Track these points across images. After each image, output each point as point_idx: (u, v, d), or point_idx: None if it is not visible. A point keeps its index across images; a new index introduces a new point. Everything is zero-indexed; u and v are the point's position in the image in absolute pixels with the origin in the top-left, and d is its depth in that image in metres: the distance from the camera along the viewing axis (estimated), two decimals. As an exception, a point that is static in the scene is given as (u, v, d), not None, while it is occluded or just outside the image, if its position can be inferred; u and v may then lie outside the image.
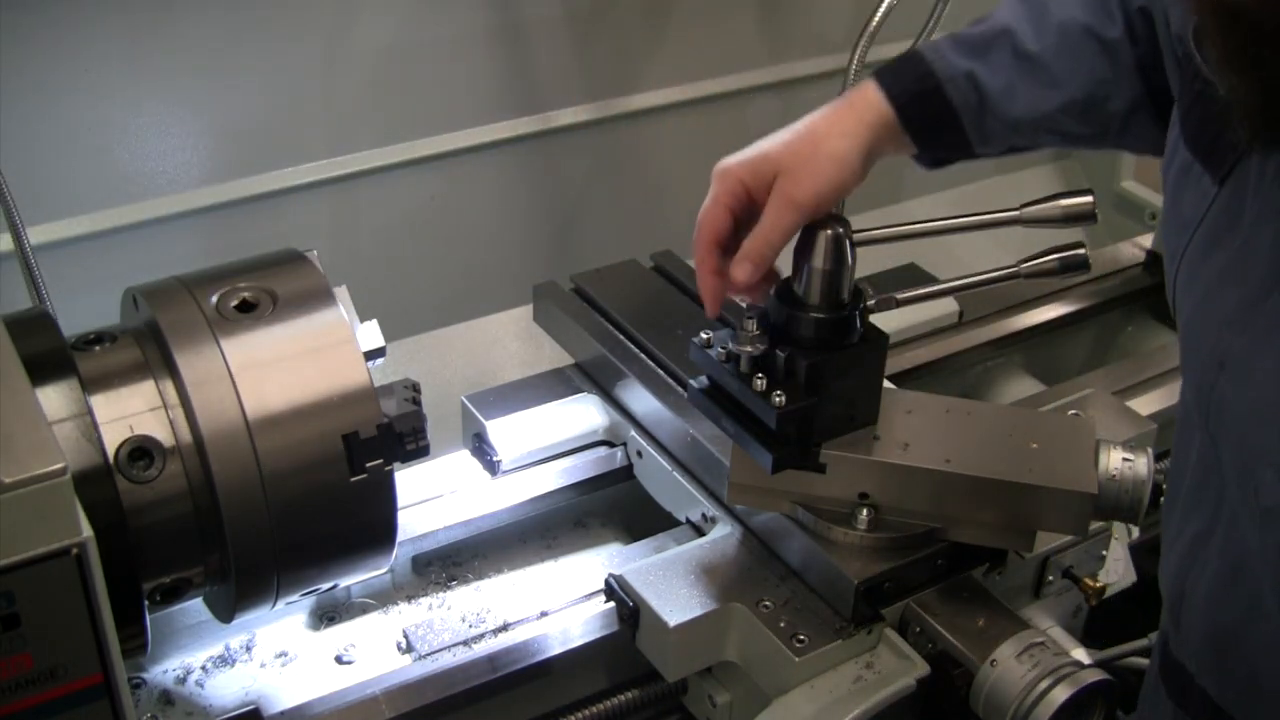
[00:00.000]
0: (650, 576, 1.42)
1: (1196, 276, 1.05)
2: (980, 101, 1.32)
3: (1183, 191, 1.08)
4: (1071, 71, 1.31)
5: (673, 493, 1.60)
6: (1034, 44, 1.31)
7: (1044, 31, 1.31)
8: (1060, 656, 1.34)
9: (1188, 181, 1.07)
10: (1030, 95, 1.31)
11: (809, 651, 1.34)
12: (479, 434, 1.65)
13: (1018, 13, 1.33)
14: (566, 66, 2.32)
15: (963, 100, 1.32)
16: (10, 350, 1.11)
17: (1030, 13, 1.33)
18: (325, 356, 1.27)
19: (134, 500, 1.18)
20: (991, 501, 1.37)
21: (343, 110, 2.14)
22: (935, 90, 1.32)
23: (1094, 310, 2.17)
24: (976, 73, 1.31)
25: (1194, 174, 1.06)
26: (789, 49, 2.52)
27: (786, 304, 1.35)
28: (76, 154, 1.94)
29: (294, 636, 1.47)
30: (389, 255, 2.28)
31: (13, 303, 1.70)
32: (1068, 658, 1.34)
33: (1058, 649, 1.35)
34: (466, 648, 1.45)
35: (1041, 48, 1.31)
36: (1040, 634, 1.37)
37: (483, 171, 2.31)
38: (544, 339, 1.86)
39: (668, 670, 1.40)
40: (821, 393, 1.34)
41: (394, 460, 1.29)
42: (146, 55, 1.94)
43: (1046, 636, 1.37)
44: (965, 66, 1.31)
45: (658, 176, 2.49)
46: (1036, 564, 1.50)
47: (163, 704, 1.39)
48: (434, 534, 1.56)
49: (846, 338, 1.35)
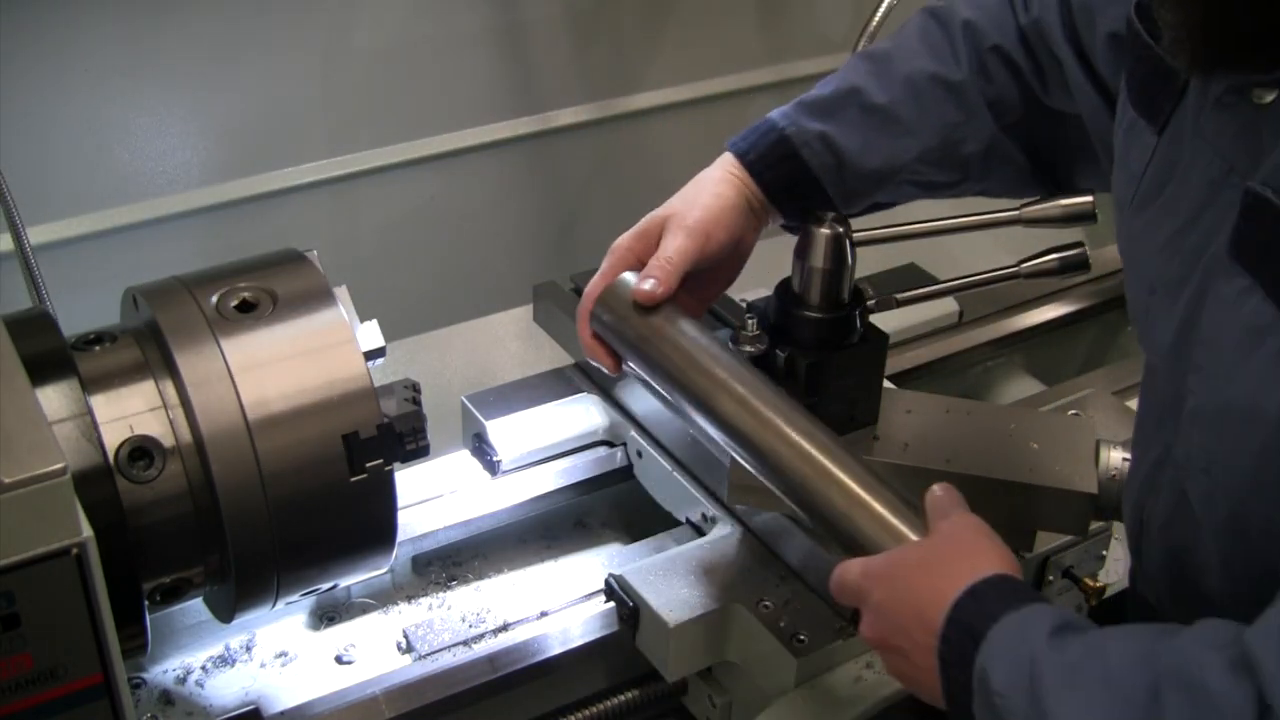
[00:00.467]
0: (650, 576, 1.42)
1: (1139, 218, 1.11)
2: (838, 162, 1.34)
3: (1130, 147, 1.13)
4: (922, 119, 1.35)
5: (673, 493, 1.60)
6: (882, 97, 1.34)
7: (890, 84, 1.35)
8: (1060, 656, 1.34)
9: (1133, 137, 1.12)
10: (885, 148, 1.34)
11: (809, 651, 1.34)
12: (479, 434, 1.65)
13: (861, 70, 1.37)
14: (566, 66, 2.32)
15: (819, 162, 1.34)
16: (10, 350, 1.11)
17: (875, 68, 1.36)
18: (325, 356, 1.27)
19: (134, 500, 1.18)
20: (991, 501, 1.37)
21: (343, 110, 2.14)
22: (792, 156, 1.34)
23: (1094, 310, 2.17)
24: (829, 133, 1.34)
25: (1138, 129, 1.11)
26: (789, 49, 2.52)
27: (786, 304, 1.35)
28: (76, 154, 1.94)
29: (294, 636, 1.47)
30: (389, 255, 2.28)
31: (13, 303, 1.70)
32: (1068, 658, 1.34)
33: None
34: (466, 648, 1.45)
35: (890, 100, 1.34)
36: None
37: (483, 171, 2.31)
38: (544, 339, 1.86)
39: (668, 670, 1.40)
40: (821, 393, 1.34)
41: (394, 460, 1.29)
42: (147, 55, 1.94)
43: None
44: (818, 129, 1.34)
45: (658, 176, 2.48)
46: (1036, 564, 1.50)
47: (163, 704, 1.39)
48: (434, 534, 1.56)
49: (846, 337, 1.35)
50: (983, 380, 2.11)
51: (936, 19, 1.38)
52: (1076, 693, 0.92)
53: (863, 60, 1.39)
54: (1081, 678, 0.93)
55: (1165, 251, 1.05)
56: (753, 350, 1.33)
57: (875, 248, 1.37)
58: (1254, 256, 0.93)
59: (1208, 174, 1.01)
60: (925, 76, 1.35)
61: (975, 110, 1.36)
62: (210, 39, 1.98)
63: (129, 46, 1.92)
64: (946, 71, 1.35)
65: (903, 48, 1.38)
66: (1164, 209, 1.06)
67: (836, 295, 1.34)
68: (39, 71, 1.86)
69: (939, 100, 1.35)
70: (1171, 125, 1.06)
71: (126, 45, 1.92)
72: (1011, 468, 1.37)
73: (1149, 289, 1.08)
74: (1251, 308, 0.93)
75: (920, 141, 1.35)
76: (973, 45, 1.36)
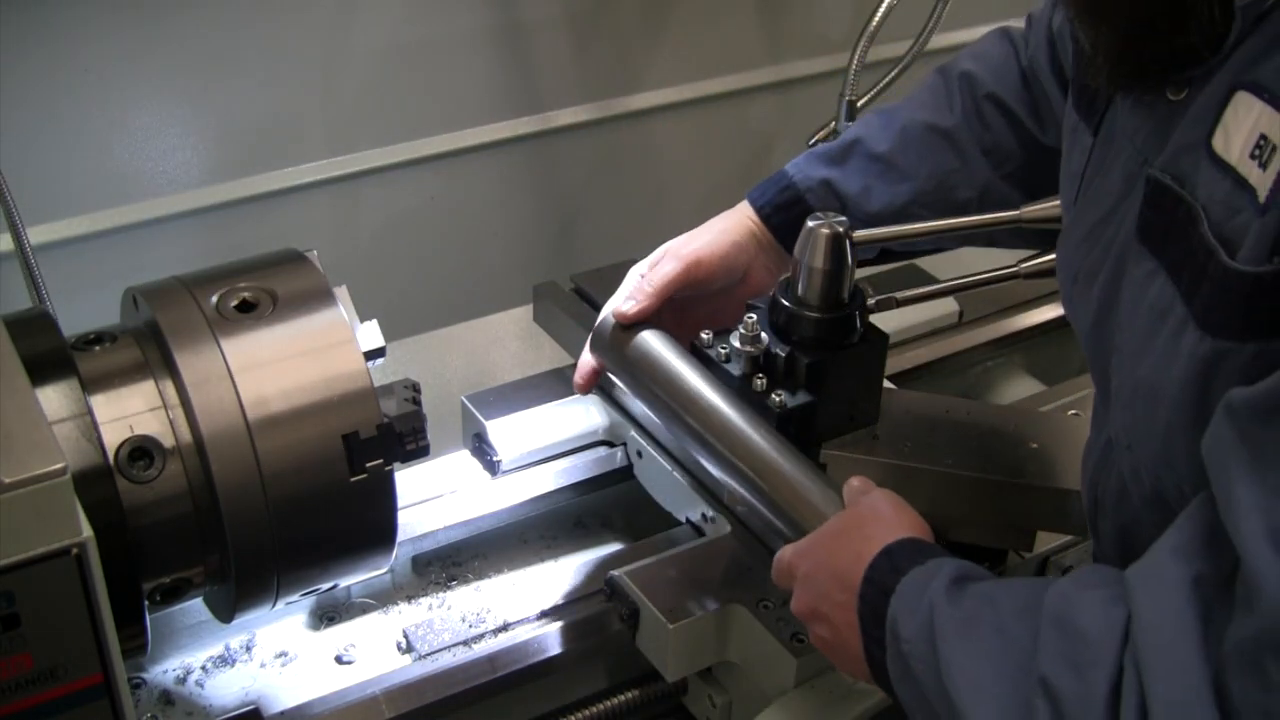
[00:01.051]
0: (650, 576, 1.42)
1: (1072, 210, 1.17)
2: (841, 206, 1.44)
3: (1072, 149, 1.19)
4: (917, 165, 1.45)
5: (673, 493, 1.60)
6: (882, 146, 1.46)
7: (890, 134, 1.46)
8: (1060, 656, 1.34)
9: (1075, 139, 1.18)
10: (883, 192, 1.45)
11: (809, 651, 1.34)
12: (479, 434, 1.65)
13: (870, 123, 1.49)
14: (566, 66, 2.32)
15: (822, 206, 1.44)
16: (10, 350, 1.11)
17: (880, 120, 1.48)
18: (325, 356, 1.27)
19: (134, 500, 1.18)
20: (991, 501, 1.37)
21: (343, 110, 2.14)
22: (797, 200, 1.46)
23: (1094, 310, 2.17)
24: (832, 179, 1.46)
25: (1080, 131, 1.17)
26: (789, 49, 2.52)
27: (786, 303, 1.35)
28: (76, 154, 1.94)
29: (294, 636, 1.47)
30: (389, 255, 2.28)
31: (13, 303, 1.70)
32: (1068, 658, 1.34)
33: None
34: (466, 648, 1.45)
35: (889, 148, 1.46)
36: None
37: (483, 171, 2.31)
38: (544, 339, 1.86)
39: (668, 670, 1.40)
40: (821, 393, 1.34)
41: (394, 460, 1.29)
42: (147, 55, 1.94)
43: (1046, 636, 1.37)
44: (822, 175, 1.46)
45: (658, 176, 2.49)
46: (1036, 564, 1.50)
47: (163, 704, 1.39)
48: (434, 534, 1.56)
49: (846, 337, 1.35)
50: (983, 380, 2.11)
51: (941, 73, 1.50)
52: (969, 640, 0.99)
53: (873, 115, 1.50)
54: (974, 625, 1.00)
55: (1086, 242, 1.11)
56: (752, 350, 1.33)
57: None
58: (1157, 240, 0.98)
59: (1126, 168, 1.06)
60: (919, 124, 1.46)
61: (969, 157, 1.45)
62: (210, 39, 1.98)
63: (129, 47, 1.92)
64: (939, 119, 1.46)
65: (908, 102, 1.50)
66: (1088, 202, 1.12)
67: (836, 295, 1.34)
68: (39, 72, 1.86)
69: (933, 147, 1.45)
70: (1104, 126, 1.12)
71: (127, 45, 1.92)
72: (1011, 468, 1.37)
73: (1072, 278, 1.14)
74: (1156, 289, 0.97)
75: (915, 185, 1.45)
76: (969, 94, 1.45)
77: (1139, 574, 0.92)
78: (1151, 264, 0.99)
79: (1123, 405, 1.04)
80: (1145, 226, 1.00)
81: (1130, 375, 1.02)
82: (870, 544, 1.12)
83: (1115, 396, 1.05)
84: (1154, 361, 0.98)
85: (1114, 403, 1.06)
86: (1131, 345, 1.01)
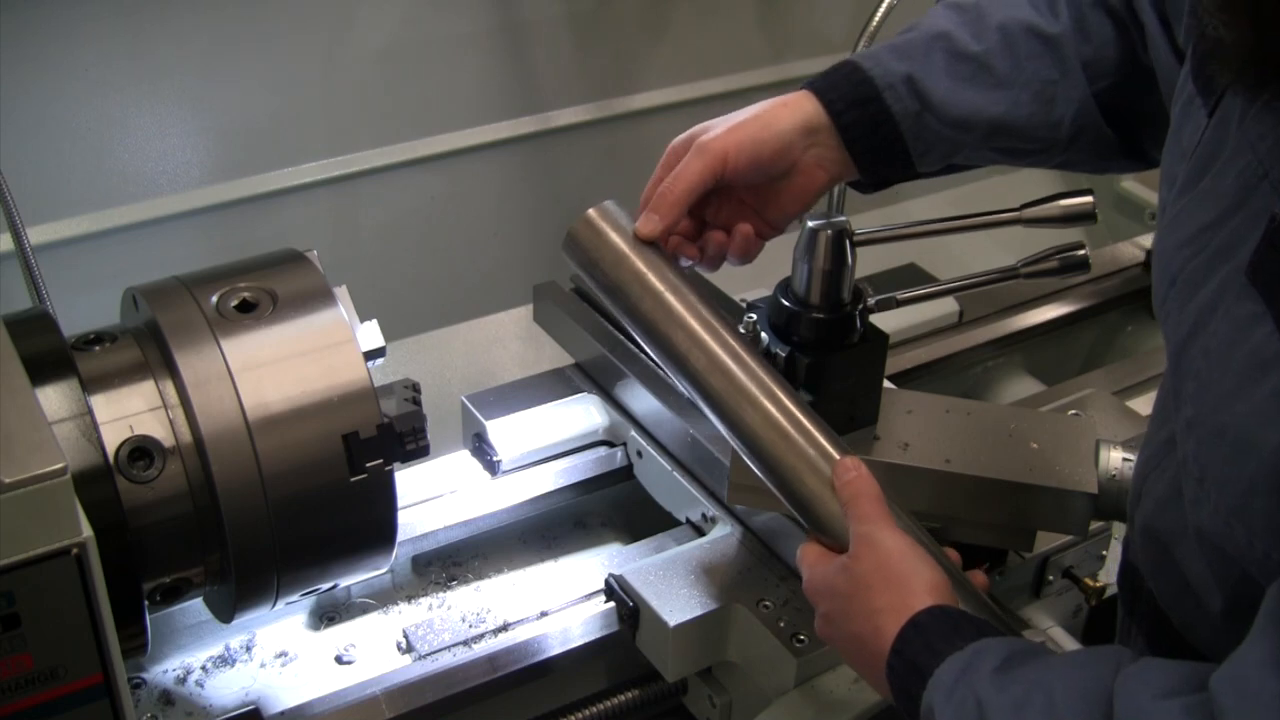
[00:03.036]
0: (650, 576, 1.42)
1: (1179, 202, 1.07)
2: (920, 108, 1.27)
3: (1184, 123, 1.09)
4: (1015, 72, 1.28)
5: (673, 493, 1.60)
6: (974, 45, 1.27)
7: (984, 33, 1.28)
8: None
9: (1190, 112, 1.08)
10: (974, 98, 1.28)
11: (809, 651, 1.34)
12: (479, 434, 1.65)
13: (952, 18, 1.30)
14: (566, 66, 2.32)
15: (902, 108, 1.27)
16: (10, 350, 1.11)
17: (964, 17, 1.30)
18: (325, 356, 1.27)
19: (134, 500, 1.18)
20: (991, 501, 1.37)
21: (343, 110, 2.14)
22: (874, 98, 1.27)
23: (1094, 310, 2.17)
24: (916, 76, 1.27)
25: (1194, 106, 1.07)
26: (789, 49, 2.52)
27: (786, 304, 1.35)
28: (76, 154, 1.94)
29: (294, 636, 1.48)
30: (389, 255, 2.28)
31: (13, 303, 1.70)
32: (1068, 658, 1.34)
33: (1058, 649, 1.35)
34: (466, 648, 1.45)
35: (983, 49, 1.27)
36: (1040, 634, 1.37)
37: (483, 171, 2.31)
38: (544, 339, 1.86)
39: (668, 670, 1.40)
40: (821, 393, 1.34)
41: (394, 460, 1.29)
42: (147, 55, 1.94)
43: (1046, 636, 1.37)
44: (903, 70, 1.27)
45: (658, 176, 2.49)
46: (1036, 564, 1.50)
47: (163, 704, 1.39)
48: (434, 534, 1.56)
49: (846, 337, 1.35)
50: (983, 380, 2.12)
51: None
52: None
53: (949, 9, 1.31)
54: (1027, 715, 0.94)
55: (1191, 246, 1.02)
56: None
57: (875, 248, 1.37)
58: (1271, 284, 0.91)
59: (1243, 175, 0.97)
60: (1022, 27, 1.28)
61: (1070, 68, 1.28)
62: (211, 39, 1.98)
63: (130, 47, 1.92)
64: (1045, 24, 1.28)
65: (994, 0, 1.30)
66: (1199, 200, 1.03)
67: (836, 295, 1.34)
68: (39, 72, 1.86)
69: (1035, 54, 1.28)
70: (1220, 109, 1.02)
71: (127, 45, 1.92)
72: (1011, 468, 1.37)
73: (1170, 280, 1.04)
74: (1261, 336, 0.90)
75: (1011, 95, 1.28)
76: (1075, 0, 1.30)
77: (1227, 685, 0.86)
78: (1259, 308, 0.91)
79: (1200, 440, 0.97)
80: (1260, 266, 0.91)
81: (1214, 414, 0.95)
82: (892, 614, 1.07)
83: (1188, 425, 0.98)
84: (1249, 412, 0.90)
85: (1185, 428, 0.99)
86: (1221, 384, 0.94)
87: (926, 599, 1.07)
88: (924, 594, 1.08)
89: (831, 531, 1.18)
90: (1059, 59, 1.28)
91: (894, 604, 1.08)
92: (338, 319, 1.29)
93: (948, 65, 1.27)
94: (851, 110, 1.27)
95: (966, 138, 1.29)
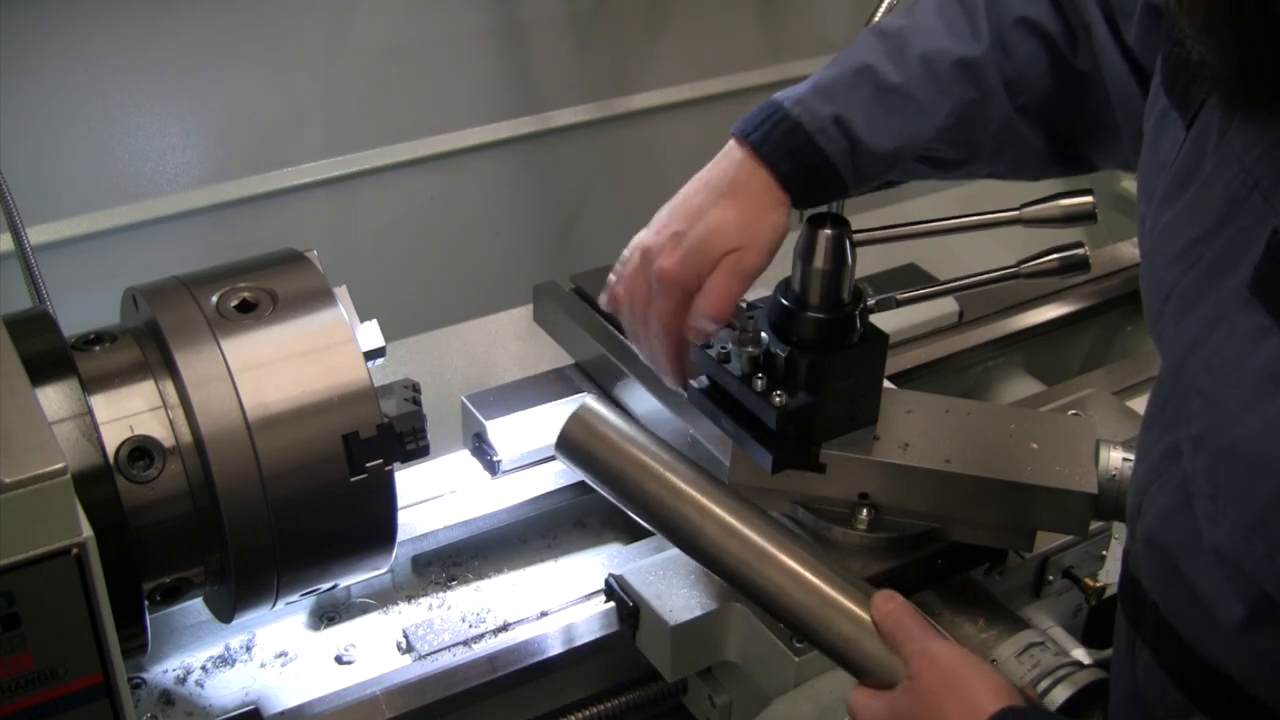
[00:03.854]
0: (650, 576, 1.42)
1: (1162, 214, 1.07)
2: (851, 145, 1.30)
3: (1160, 136, 1.09)
4: (939, 99, 1.31)
5: (673, 493, 1.60)
6: (897, 77, 1.30)
7: (906, 63, 1.31)
8: (1060, 656, 1.34)
9: (1165, 125, 1.08)
10: (900, 129, 1.31)
11: (809, 651, 1.34)
12: (479, 434, 1.65)
13: (875, 48, 1.33)
14: (566, 66, 2.32)
15: (834, 148, 1.30)
16: (10, 350, 1.11)
17: (889, 46, 1.32)
18: (325, 356, 1.27)
19: (134, 500, 1.18)
20: (991, 501, 1.37)
21: (343, 110, 2.14)
22: (806, 143, 1.29)
23: (1094, 310, 2.17)
24: (843, 116, 1.29)
25: (1170, 118, 1.08)
26: (789, 49, 2.52)
27: (786, 304, 1.35)
28: (76, 154, 1.94)
29: (294, 636, 1.47)
30: (389, 255, 2.28)
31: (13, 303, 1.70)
32: (1067, 658, 1.34)
33: (1058, 649, 1.35)
34: (466, 648, 1.45)
35: (905, 79, 1.30)
36: (1040, 634, 1.37)
37: (483, 171, 2.31)
38: (544, 339, 1.86)
39: (668, 670, 1.40)
40: (821, 393, 1.34)
41: (394, 460, 1.29)
42: (147, 55, 1.94)
43: (1046, 636, 1.37)
44: (831, 112, 1.29)
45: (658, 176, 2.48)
46: (1036, 564, 1.49)
47: (163, 704, 1.39)
48: (434, 534, 1.56)
49: (846, 338, 1.35)
50: (983, 380, 2.11)
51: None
52: None
53: (875, 37, 1.34)
54: None
55: (1182, 261, 1.02)
56: (752, 350, 1.33)
57: (875, 248, 1.36)
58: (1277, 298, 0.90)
59: (1230, 188, 0.97)
60: (942, 55, 1.31)
61: (992, 89, 1.32)
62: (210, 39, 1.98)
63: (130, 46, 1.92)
64: (965, 49, 1.31)
65: (919, 25, 1.33)
66: (1185, 214, 1.03)
67: (836, 295, 1.34)
68: (40, 71, 1.86)
69: (956, 79, 1.31)
70: (1199, 122, 1.03)
71: (127, 45, 1.92)
72: (1011, 468, 1.37)
73: (1163, 297, 1.04)
74: (1270, 351, 0.89)
75: (935, 121, 1.31)
76: (995, 19, 1.32)
77: None
78: (1265, 320, 0.90)
79: (1212, 456, 0.96)
80: (1263, 280, 0.91)
81: (1225, 431, 0.94)
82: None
83: (1196, 443, 0.97)
84: (1264, 427, 0.89)
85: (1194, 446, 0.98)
86: (1230, 400, 0.93)
87: (995, 702, 1.07)
88: (991, 698, 1.08)
89: (876, 669, 1.19)
90: (979, 81, 1.32)
91: (964, 712, 1.08)
92: (338, 319, 1.29)
93: (873, 99, 1.30)
94: (787, 161, 1.30)
95: (896, 162, 1.33)
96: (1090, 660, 1.41)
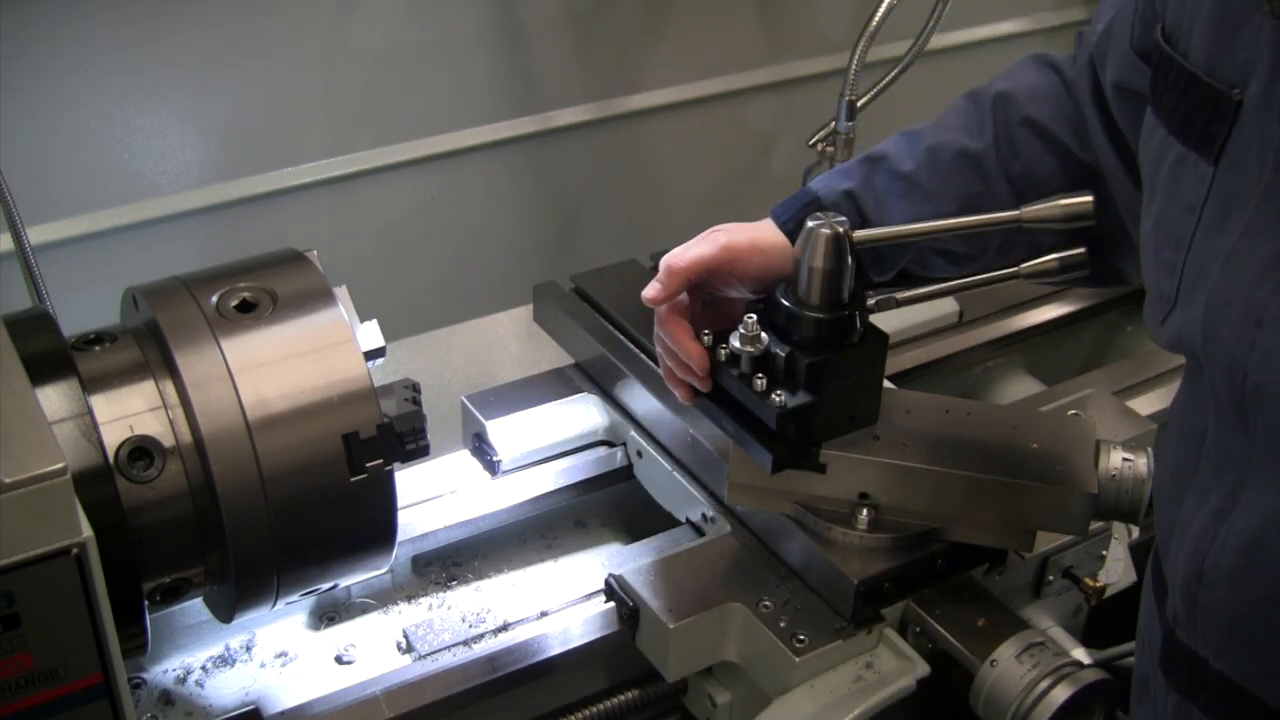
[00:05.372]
0: (650, 576, 1.42)
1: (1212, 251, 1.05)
2: (862, 221, 1.39)
3: (1179, 183, 1.10)
4: (942, 187, 1.40)
5: (673, 493, 1.60)
6: (907, 165, 1.41)
7: (915, 153, 1.41)
8: (1060, 656, 1.34)
9: (1183, 171, 1.09)
10: (904, 211, 1.39)
11: (809, 651, 1.34)
12: (479, 434, 1.65)
13: (895, 142, 1.44)
14: (566, 66, 2.32)
15: None
16: (10, 350, 1.11)
17: (905, 140, 1.44)
18: (325, 356, 1.27)
19: (134, 500, 1.18)
20: (991, 501, 1.37)
21: (343, 110, 2.14)
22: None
23: (1094, 310, 2.17)
24: (855, 192, 1.41)
25: (1189, 162, 1.08)
26: (789, 49, 2.52)
27: (786, 304, 1.35)
28: (76, 154, 1.94)
29: (294, 636, 1.48)
30: (389, 255, 2.28)
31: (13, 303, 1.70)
32: (1068, 658, 1.34)
33: (1058, 649, 1.35)
34: (466, 648, 1.45)
35: (914, 167, 1.40)
36: (1040, 634, 1.37)
37: (483, 171, 2.31)
38: (544, 339, 1.87)
39: (668, 670, 1.40)
40: (821, 393, 1.34)
41: (394, 460, 1.29)
42: (147, 55, 1.94)
43: (1046, 636, 1.37)
44: (844, 187, 1.41)
45: (658, 176, 2.49)
46: (1036, 564, 1.50)
47: (163, 704, 1.39)
48: (434, 534, 1.56)
49: (846, 337, 1.35)
50: (983, 380, 2.11)
51: (971, 98, 1.44)
52: None
53: (900, 135, 1.46)
54: None
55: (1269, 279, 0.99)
56: (753, 350, 1.33)
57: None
58: None
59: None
60: (947, 146, 1.41)
61: (994, 182, 1.40)
62: (210, 39, 1.98)
63: (129, 46, 1.92)
64: (968, 142, 1.40)
65: (938, 122, 1.45)
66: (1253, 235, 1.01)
67: (836, 295, 1.34)
68: (39, 71, 1.86)
69: (959, 170, 1.40)
70: (1229, 150, 1.03)
71: (127, 45, 1.92)
72: (1011, 468, 1.37)
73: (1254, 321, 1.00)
74: None
75: (938, 208, 1.39)
76: (1003, 117, 1.40)
77: None
78: None
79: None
80: None
81: None
82: None
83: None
84: None
85: None
86: None
87: None
88: None
89: None
90: (982, 174, 1.40)
91: None
92: (338, 319, 1.29)
93: (885, 184, 1.41)
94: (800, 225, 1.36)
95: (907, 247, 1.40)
96: (1090, 660, 1.41)
